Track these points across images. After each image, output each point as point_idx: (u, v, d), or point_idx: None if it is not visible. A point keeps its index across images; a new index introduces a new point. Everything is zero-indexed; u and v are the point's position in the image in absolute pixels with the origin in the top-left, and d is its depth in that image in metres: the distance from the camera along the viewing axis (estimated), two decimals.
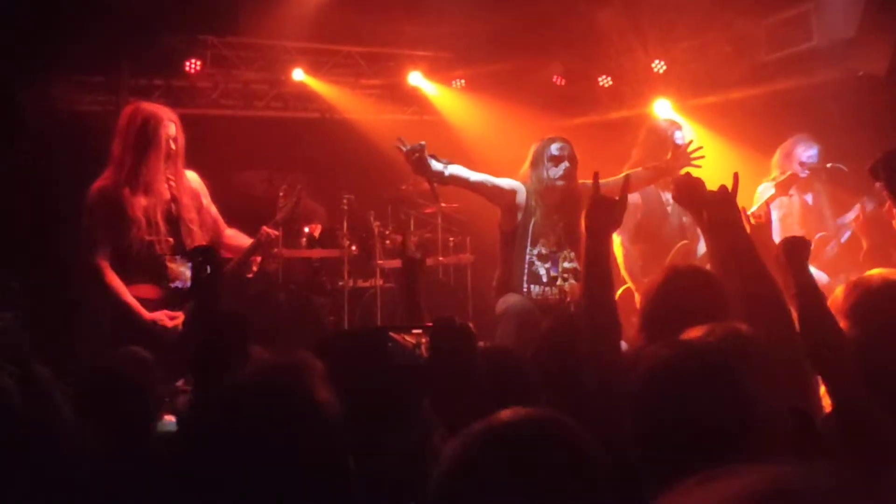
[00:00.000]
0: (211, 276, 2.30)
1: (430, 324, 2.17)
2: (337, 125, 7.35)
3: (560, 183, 4.42)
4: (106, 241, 3.72)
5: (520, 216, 4.46)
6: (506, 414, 1.21)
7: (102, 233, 3.71)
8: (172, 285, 3.42)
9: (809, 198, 5.23)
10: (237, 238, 4.10)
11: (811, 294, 2.17)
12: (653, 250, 4.94)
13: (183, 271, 3.31)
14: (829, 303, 2.24)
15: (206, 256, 2.31)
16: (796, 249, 2.28)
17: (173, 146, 3.85)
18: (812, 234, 5.12)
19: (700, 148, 4.54)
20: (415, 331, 2.12)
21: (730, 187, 2.42)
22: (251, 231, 4.91)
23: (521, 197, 4.47)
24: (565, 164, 4.42)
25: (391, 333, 2.13)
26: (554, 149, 4.46)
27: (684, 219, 4.81)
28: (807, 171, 4.96)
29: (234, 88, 7.02)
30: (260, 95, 7.18)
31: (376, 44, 7.20)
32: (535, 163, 4.51)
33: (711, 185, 5.65)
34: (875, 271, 3.08)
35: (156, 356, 2.81)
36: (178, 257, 3.41)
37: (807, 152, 5.05)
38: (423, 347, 2.13)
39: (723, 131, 6.26)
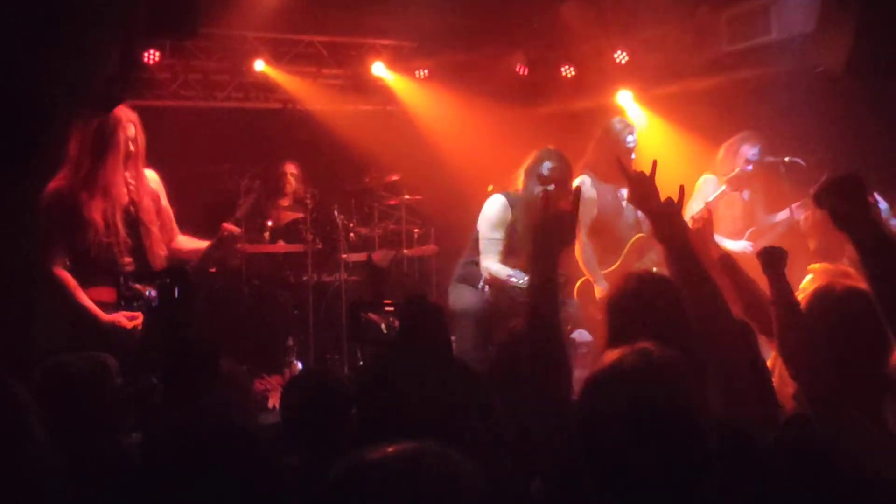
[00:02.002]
0: (180, 298, 2.26)
1: (402, 302, 2.17)
2: (299, 116, 7.28)
3: None
4: (62, 245, 3.65)
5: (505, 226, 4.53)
6: (379, 449, 1.21)
7: (58, 236, 3.64)
8: (135, 304, 3.37)
9: (746, 194, 5.43)
10: (190, 243, 4.02)
11: (787, 302, 2.21)
12: (609, 243, 5.04)
13: (148, 291, 3.25)
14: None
15: (175, 278, 2.27)
16: (773, 259, 2.32)
17: (132, 148, 3.79)
18: (747, 228, 5.37)
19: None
20: (387, 308, 2.13)
21: (675, 199, 2.42)
22: (213, 225, 4.86)
23: (509, 213, 4.55)
24: (552, 187, 4.44)
25: (361, 313, 2.15)
26: (545, 168, 4.54)
27: (640, 213, 4.89)
28: (751, 167, 5.19)
29: (194, 79, 6.91)
30: (221, 86, 7.06)
31: (338, 33, 7.13)
32: (529, 173, 4.58)
33: (670, 174, 5.77)
34: (818, 265, 3.16)
35: (116, 358, 2.78)
36: (143, 277, 3.35)
37: (752, 150, 5.26)
38: (392, 326, 2.16)
39: (683, 121, 6.34)
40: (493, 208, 4.55)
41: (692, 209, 5.25)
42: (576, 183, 4.94)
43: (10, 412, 1.65)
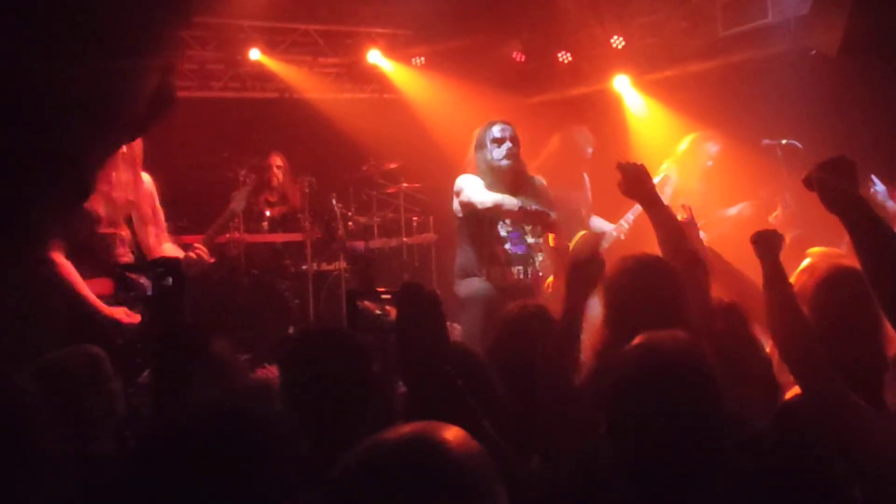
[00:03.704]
0: (173, 289, 2.26)
1: (398, 290, 2.19)
2: (296, 105, 7.27)
3: (504, 163, 4.46)
4: (61, 236, 3.65)
5: None
6: (389, 431, 1.22)
7: (58, 228, 3.64)
8: (130, 294, 3.37)
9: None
10: (173, 251, 3.99)
11: (780, 286, 2.23)
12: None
13: (142, 282, 3.25)
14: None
15: (168, 268, 2.27)
16: (769, 243, 2.34)
17: (124, 149, 3.79)
18: (699, 219, 5.49)
19: None
20: (384, 297, 2.14)
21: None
22: (211, 215, 4.86)
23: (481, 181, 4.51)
24: (507, 144, 4.47)
25: (357, 301, 2.15)
26: (496, 131, 4.50)
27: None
28: (711, 163, 5.52)
29: (189, 69, 6.90)
30: (217, 76, 7.06)
31: (334, 21, 7.12)
32: (479, 146, 4.55)
33: (666, 157, 5.78)
34: (816, 249, 3.19)
35: (113, 351, 2.76)
36: (138, 267, 3.34)
37: (714, 148, 5.54)
38: (388, 314, 2.17)
39: (679, 105, 6.33)
40: (471, 178, 4.54)
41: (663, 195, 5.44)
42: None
43: (8, 400, 1.65)
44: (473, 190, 4.43)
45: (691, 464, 1.56)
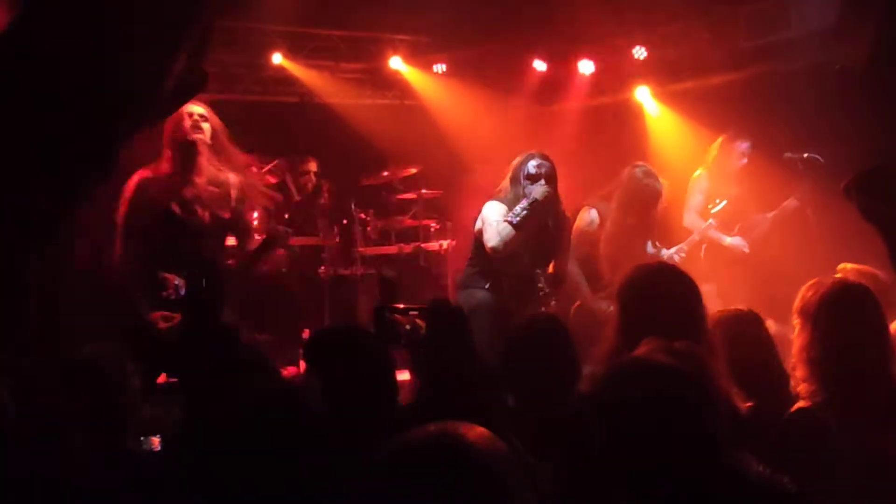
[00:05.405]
0: (208, 291, 2.28)
1: (425, 305, 2.20)
2: (317, 110, 7.31)
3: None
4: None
5: None
6: (407, 435, 1.23)
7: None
8: (164, 294, 3.39)
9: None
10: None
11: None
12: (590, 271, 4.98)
13: (177, 283, 3.26)
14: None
15: (203, 269, 2.28)
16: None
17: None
18: (736, 223, 5.52)
19: None
20: (411, 312, 2.16)
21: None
22: None
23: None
24: (541, 182, 4.28)
25: (387, 313, 2.17)
26: (531, 167, 4.32)
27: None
28: (746, 160, 5.46)
29: (212, 72, 6.87)
30: (239, 79, 7.10)
31: (356, 27, 7.15)
32: (514, 179, 4.38)
33: (687, 170, 5.75)
34: (847, 265, 3.15)
35: (143, 349, 2.78)
36: (173, 268, 3.36)
37: (744, 144, 5.48)
38: (418, 327, 2.20)
39: (700, 117, 6.30)
40: (497, 206, 4.38)
41: (692, 204, 5.42)
42: (590, 216, 4.88)
43: (32, 400, 1.65)
44: (491, 233, 4.27)
45: (681, 480, 1.54)
